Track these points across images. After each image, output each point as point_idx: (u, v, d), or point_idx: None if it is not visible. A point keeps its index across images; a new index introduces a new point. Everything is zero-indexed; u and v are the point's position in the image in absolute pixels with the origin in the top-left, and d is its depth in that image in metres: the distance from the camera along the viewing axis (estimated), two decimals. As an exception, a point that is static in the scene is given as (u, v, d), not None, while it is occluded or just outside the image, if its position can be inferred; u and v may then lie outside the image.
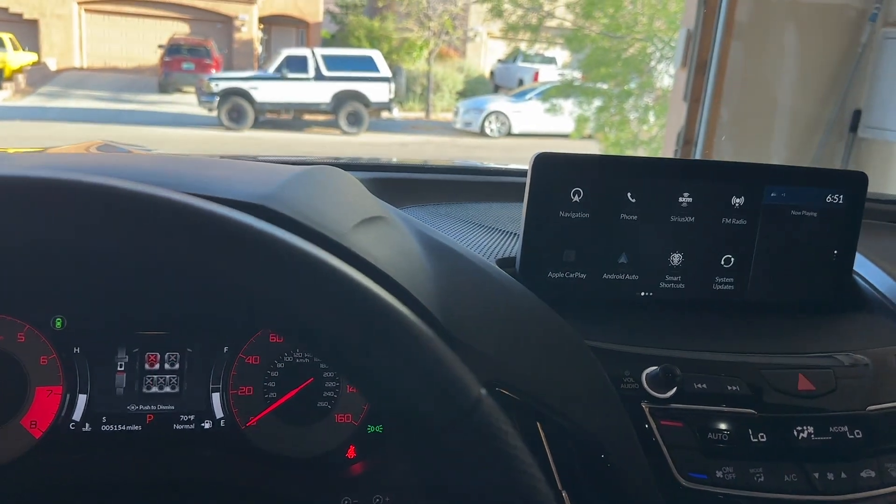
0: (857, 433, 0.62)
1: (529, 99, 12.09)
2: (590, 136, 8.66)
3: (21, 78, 13.24)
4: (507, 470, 0.33)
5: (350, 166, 0.93)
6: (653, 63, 7.69)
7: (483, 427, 0.33)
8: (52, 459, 0.62)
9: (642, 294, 0.72)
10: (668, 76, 7.25)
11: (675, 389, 0.60)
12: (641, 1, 7.60)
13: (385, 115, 12.40)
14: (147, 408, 0.64)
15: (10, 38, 13.46)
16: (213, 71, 12.99)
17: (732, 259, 0.72)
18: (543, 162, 0.67)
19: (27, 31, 14.59)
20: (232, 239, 0.32)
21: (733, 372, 0.62)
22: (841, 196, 0.73)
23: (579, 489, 0.57)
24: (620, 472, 0.57)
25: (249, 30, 15.84)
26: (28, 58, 13.97)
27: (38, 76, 13.87)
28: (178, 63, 13.49)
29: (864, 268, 0.79)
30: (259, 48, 16.32)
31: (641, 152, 7.44)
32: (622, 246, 0.70)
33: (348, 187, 0.65)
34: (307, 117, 11.98)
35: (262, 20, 16.29)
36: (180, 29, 15.39)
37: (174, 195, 0.32)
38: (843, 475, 0.60)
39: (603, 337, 0.63)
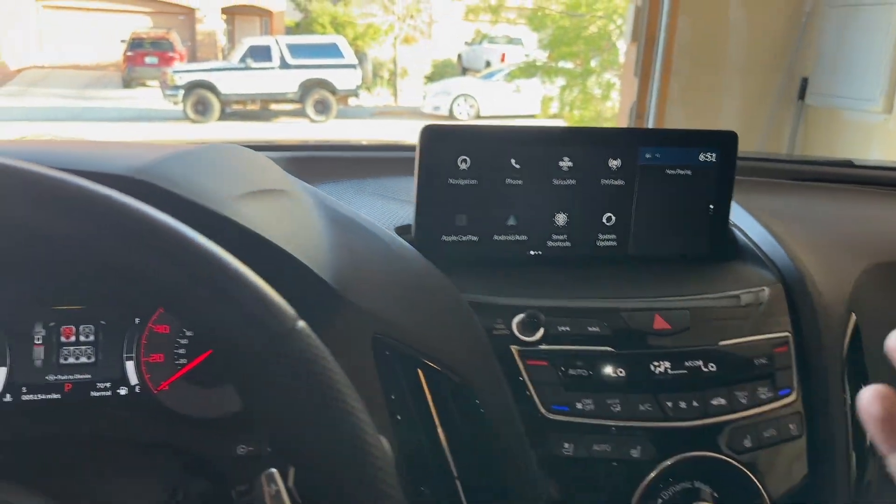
0: (711, 366, 0.68)
1: (497, 80, 12.11)
2: (556, 115, 8.73)
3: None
4: (323, 395, 0.37)
5: (265, 147, 0.97)
6: (614, 39, 7.75)
7: (298, 352, 0.37)
8: None
9: (531, 253, 0.77)
10: (628, 52, 7.30)
11: (541, 332, 0.66)
12: (600, -22, 7.66)
13: (353, 101, 12.37)
14: (65, 377, 0.68)
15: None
16: (177, 63, 12.85)
17: (613, 217, 0.78)
18: (430, 133, 0.73)
19: (-18, 30, 14.32)
20: (51, 196, 0.36)
21: (595, 316, 0.68)
22: (714, 154, 0.79)
23: (455, 426, 0.63)
24: (486, 408, 0.63)
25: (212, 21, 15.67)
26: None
27: (-2, 76, 13.65)
28: (141, 57, 13.32)
29: (742, 220, 0.85)
30: (222, 39, 16.15)
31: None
32: (510, 209, 0.76)
33: (245, 163, 0.69)
34: (274, 107, 11.89)
35: (224, 11, 16.12)
36: (142, 23, 15.19)
37: (10, 162, 0.36)
38: (695, 403, 0.66)
39: (480, 291, 0.69)
